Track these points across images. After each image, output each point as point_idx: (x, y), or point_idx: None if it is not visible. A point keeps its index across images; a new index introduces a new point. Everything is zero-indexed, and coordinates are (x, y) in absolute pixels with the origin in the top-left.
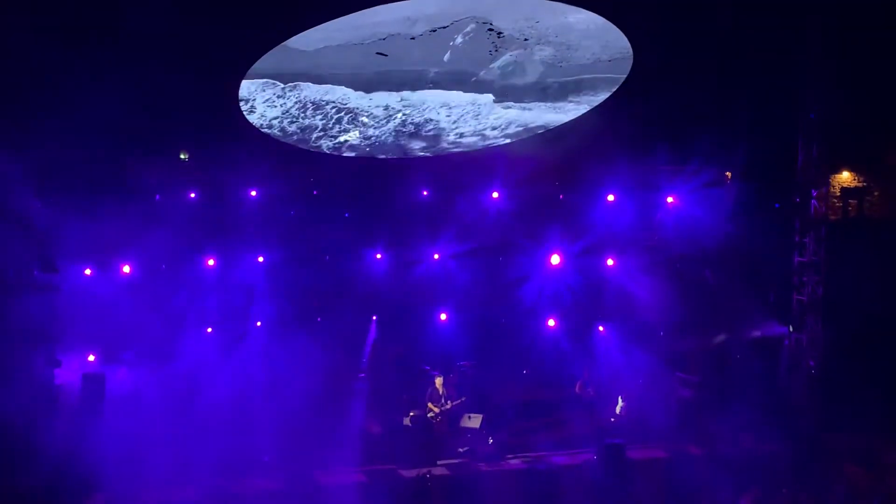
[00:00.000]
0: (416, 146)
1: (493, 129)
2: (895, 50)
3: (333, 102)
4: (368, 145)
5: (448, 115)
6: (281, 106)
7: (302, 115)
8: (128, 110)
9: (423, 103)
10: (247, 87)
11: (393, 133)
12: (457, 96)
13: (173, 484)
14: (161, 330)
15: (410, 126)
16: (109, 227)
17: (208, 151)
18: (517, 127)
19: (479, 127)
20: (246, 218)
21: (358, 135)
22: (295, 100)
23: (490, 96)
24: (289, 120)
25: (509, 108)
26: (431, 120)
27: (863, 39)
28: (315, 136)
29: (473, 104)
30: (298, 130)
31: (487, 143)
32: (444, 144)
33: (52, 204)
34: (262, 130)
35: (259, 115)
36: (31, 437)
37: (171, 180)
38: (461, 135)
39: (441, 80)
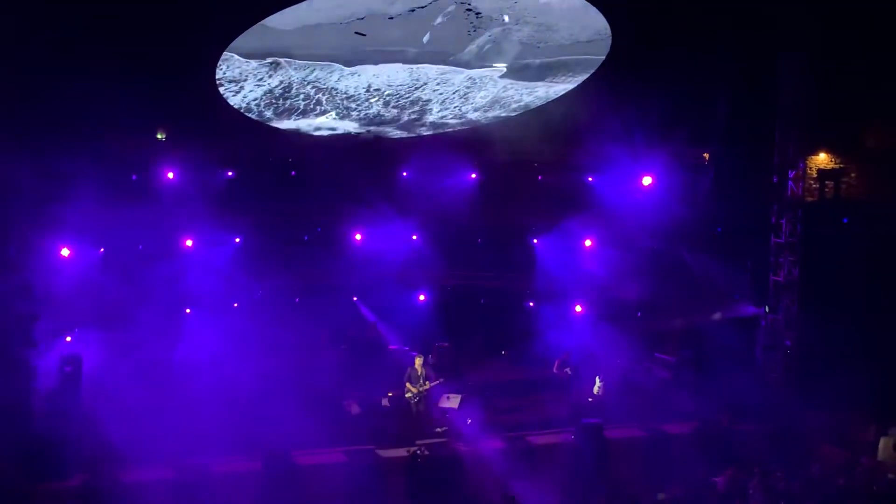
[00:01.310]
0: (398, 127)
1: (476, 110)
2: (872, 32)
3: (315, 82)
4: (350, 126)
5: (441, 94)
6: (267, 85)
7: (284, 95)
8: (103, 90)
9: (417, 80)
10: (238, 68)
11: (376, 113)
12: (454, 72)
13: (152, 464)
14: (138, 311)
15: (393, 109)
16: (85, 207)
17: (185, 132)
18: (499, 108)
19: (464, 108)
20: (223, 198)
21: (335, 115)
22: (279, 79)
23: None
24: (268, 101)
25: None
26: (419, 100)
27: (840, 22)
28: (294, 116)
29: (469, 79)
30: (277, 113)
31: (469, 123)
32: (427, 125)
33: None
34: (242, 112)
35: (242, 97)
36: (7, 419)
37: (148, 160)
38: (444, 116)
39: (420, 60)
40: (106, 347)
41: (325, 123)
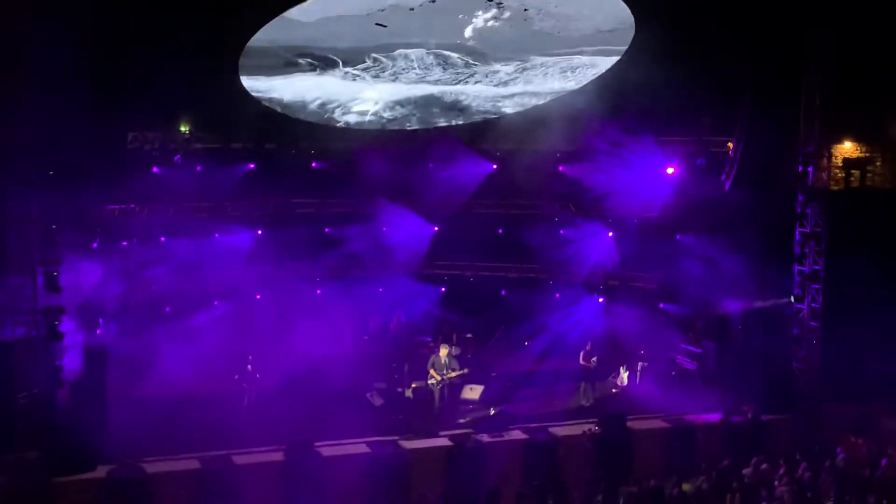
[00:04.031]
0: (423, 118)
1: (499, 100)
2: None
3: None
4: (379, 115)
5: (466, 84)
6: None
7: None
8: (126, 84)
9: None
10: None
11: (403, 103)
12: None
13: (177, 455)
14: (162, 303)
15: (417, 101)
16: (109, 201)
17: (208, 124)
18: (525, 98)
19: (486, 99)
20: (244, 191)
21: (362, 104)
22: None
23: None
24: (302, 96)
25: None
26: (446, 91)
27: (865, 11)
28: (330, 108)
29: (493, 70)
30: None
31: (494, 114)
32: (452, 115)
33: (51, 178)
34: (267, 104)
35: (279, 94)
36: (33, 411)
37: (171, 153)
38: (470, 106)
39: (441, 50)
40: (131, 340)
41: (355, 109)
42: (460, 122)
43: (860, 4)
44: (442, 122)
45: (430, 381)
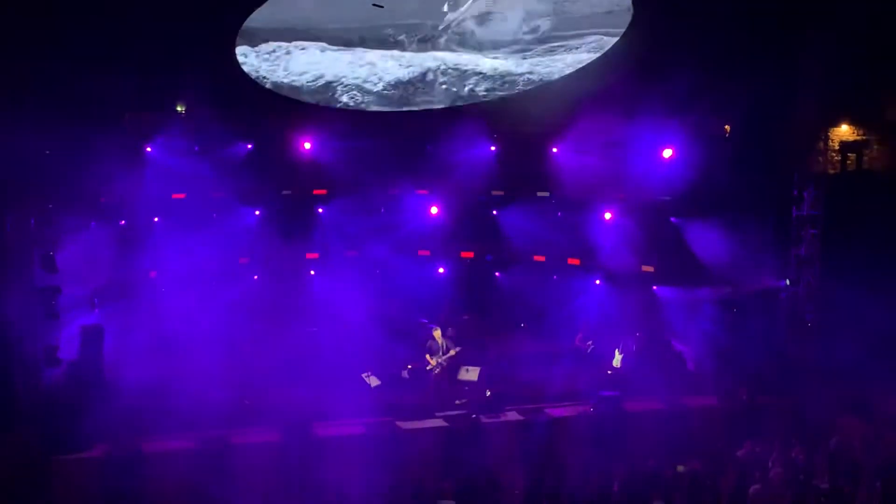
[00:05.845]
0: (422, 98)
1: (504, 77)
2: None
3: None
4: (382, 98)
5: (462, 66)
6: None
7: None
8: (123, 62)
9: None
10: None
11: (399, 83)
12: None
13: (173, 434)
14: (159, 282)
15: (418, 80)
16: (105, 179)
17: (204, 103)
18: (521, 78)
19: (486, 81)
20: (243, 171)
21: (373, 86)
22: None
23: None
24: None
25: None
26: (445, 71)
27: None
28: (330, 88)
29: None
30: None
31: (492, 95)
32: (450, 97)
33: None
34: (263, 83)
35: (278, 73)
36: (29, 390)
37: (168, 132)
38: (468, 86)
39: (438, 33)
40: (127, 318)
41: (354, 88)
42: (461, 104)
43: None
44: (441, 104)
45: (427, 368)
